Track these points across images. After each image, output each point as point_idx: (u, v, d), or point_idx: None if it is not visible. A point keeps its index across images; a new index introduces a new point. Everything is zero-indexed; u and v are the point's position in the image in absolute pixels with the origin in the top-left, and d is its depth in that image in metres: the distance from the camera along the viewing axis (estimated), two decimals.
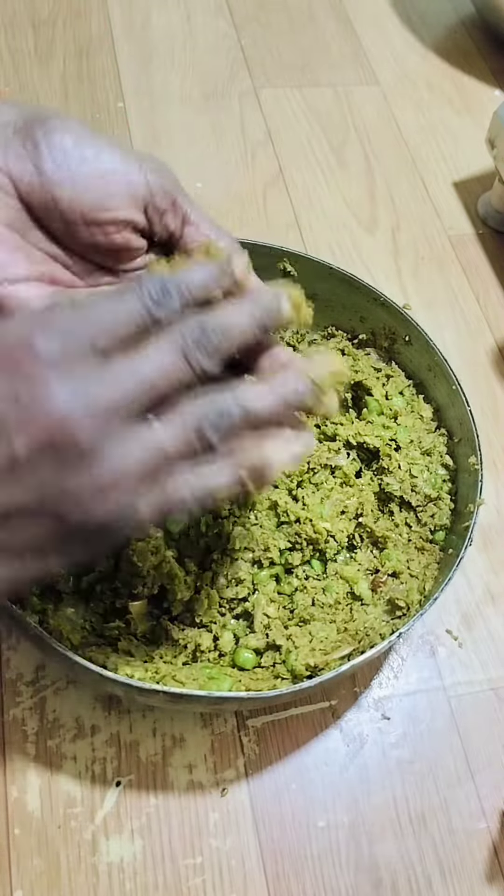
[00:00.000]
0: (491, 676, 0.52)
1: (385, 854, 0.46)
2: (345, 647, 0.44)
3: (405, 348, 0.56)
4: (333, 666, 0.43)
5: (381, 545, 0.50)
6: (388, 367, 0.57)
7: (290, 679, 0.44)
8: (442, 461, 0.52)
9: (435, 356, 0.53)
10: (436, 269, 0.72)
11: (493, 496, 0.60)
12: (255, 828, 0.46)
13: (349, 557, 0.50)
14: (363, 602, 0.48)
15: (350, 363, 0.56)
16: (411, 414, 0.54)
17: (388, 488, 0.51)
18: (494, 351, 0.68)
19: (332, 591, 0.48)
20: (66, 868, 0.44)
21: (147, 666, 0.43)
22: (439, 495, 0.51)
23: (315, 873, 0.45)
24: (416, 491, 0.51)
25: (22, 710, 0.48)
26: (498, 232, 0.75)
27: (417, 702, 0.51)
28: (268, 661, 0.45)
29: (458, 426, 0.52)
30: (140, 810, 0.46)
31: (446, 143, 0.82)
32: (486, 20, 0.92)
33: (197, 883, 0.44)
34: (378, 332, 0.57)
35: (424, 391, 0.55)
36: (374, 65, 0.88)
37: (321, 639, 0.45)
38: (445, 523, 0.51)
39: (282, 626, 0.46)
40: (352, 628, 0.46)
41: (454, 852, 0.46)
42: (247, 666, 0.45)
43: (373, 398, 0.54)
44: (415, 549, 0.50)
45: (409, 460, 0.52)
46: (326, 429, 0.53)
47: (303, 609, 0.47)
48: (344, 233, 0.73)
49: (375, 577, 0.48)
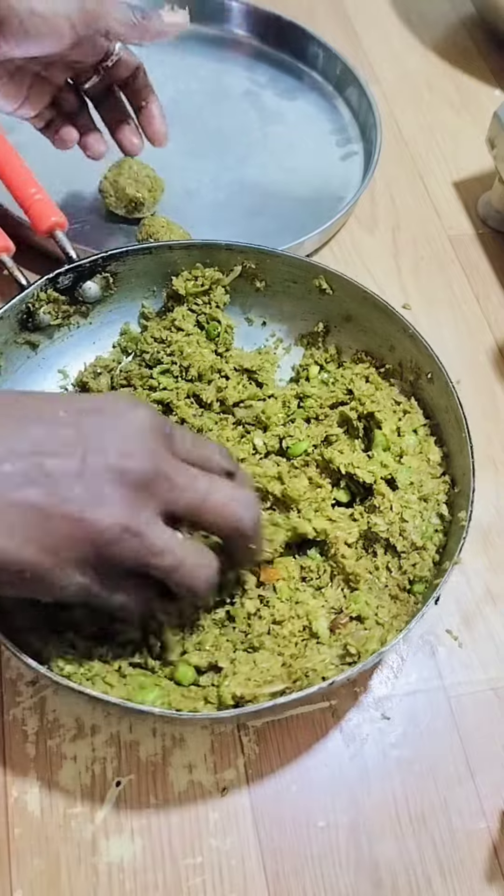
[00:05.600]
0: (491, 676, 0.52)
1: (385, 854, 0.46)
2: (277, 684, 0.43)
3: (427, 385, 0.54)
4: (261, 700, 0.42)
5: (353, 585, 0.48)
6: (408, 402, 0.55)
7: (215, 704, 0.43)
8: (438, 510, 0.50)
9: (451, 399, 0.51)
10: (436, 268, 0.72)
11: (493, 496, 0.60)
12: (255, 828, 0.46)
13: (318, 591, 0.49)
14: (319, 641, 0.46)
15: (370, 392, 0.54)
16: (418, 455, 0.52)
17: (375, 528, 0.49)
18: (494, 351, 0.68)
19: (288, 623, 0.46)
20: (66, 868, 0.44)
21: (82, 661, 0.43)
22: (426, 545, 0.48)
23: (315, 873, 0.45)
24: (404, 536, 0.48)
25: (22, 710, 0.48)
26: (498, 232, 0.75)
27: (417, 702, 0.51)
28: (206, 681, 0.44)
29: (461, 476, 0.50)
30: (140, 810, 0.46)
31: (446, 143, 0.82)
32: (486, 20, 0.92)
33: (197, 883, 0.44)
34: (405, 365, 0.56)
35: (439, 433, 0.54)
36: (374, 65, 0.88)
37: (261, 669, 0.44)
38: (426, 575, 0.48)
39: (231, 648, 0.46)
40: (296, 666, 0.44)
41: (454, 852, 0.46)
42: (183, 682, 0.44)
43: (381, 432, 0.53)
44: (388, 596, 0.48)
45: (402, 503, 0.49)
46: (325, 452, 0.52)
47: (256, 636, 0.46)
48: (344, 232, 0.73)
49: (336, 618, 0.47)
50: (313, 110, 0.82)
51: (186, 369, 0.56)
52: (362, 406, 0.54)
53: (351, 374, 0.56)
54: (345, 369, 0.58)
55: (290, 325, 0.61)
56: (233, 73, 0.84)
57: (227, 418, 0.55)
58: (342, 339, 0.59)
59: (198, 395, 0.55)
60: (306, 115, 0.81)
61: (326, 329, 0.59)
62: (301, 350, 0.60)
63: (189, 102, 0.80)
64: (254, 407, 0.56)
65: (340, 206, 0.71)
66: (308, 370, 0.59)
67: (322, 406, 0.56)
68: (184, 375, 0.56)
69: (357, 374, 0.56)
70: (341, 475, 0.52)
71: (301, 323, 0.60)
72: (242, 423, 0.56)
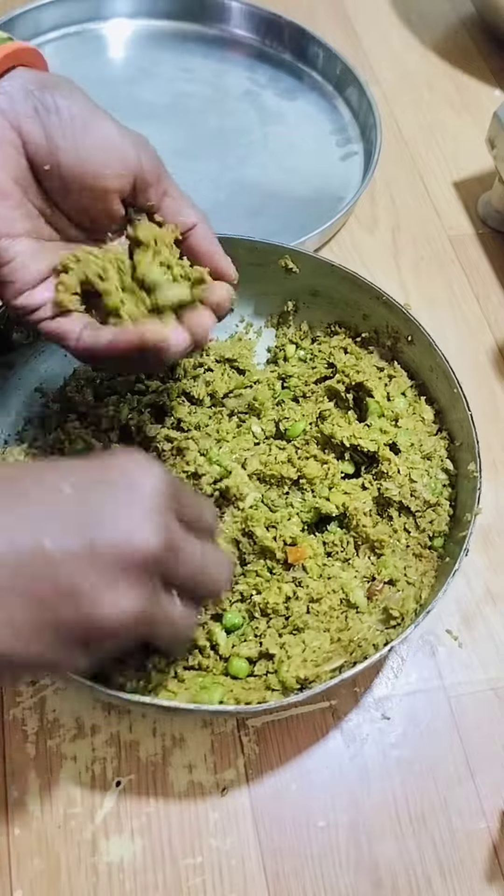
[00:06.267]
0: (491, 676, 0.52)
1: (385, 854, 0.46)
2: (336, 660, 0.44)
3: (408, 348, 0.55)
4: (324, 678, 0.43)
5: (378, 551, 0.49)
6: (391, 366, 0.56)
7: (280, 691, 0.43)
8: (442, 465, 0.51)
9: (437, 357, 0.52)
10: (436, 268, 0.72)
11: (493, 497, 0.60)
12: (255, 828, 0.46)
13: (346, 563, 0.50)
14: (358, 610, 0.47)
15: (352, 362, 0.55)
16: (413, 416, 0.54)
17: (387, 493, 0.50)
18: (494, 351, 0.68)
19: (326, 598, 0.47)
20: (65, 868, 0.44)
21: (139, 674, 0.43)
22: (438, 501, 0.50)
23: (315, 873, 0.45)
24: (416, 496, 0.50)
25: (22, 710, 0.48)
26: (498, 232, 0.75)
27: (417, 702, 0.51)
28: (261, 669, 0.45)
29: (459, 430, 0.52)
30: (140, 810, 0.46)
31: (446, 143, 0.82)
32: (486, 20, 0.92)
33: (197, 883, 0.44)
34: (381, 331, 0.57)
35: (426, 392, 0.55)
36: (374, 65, 0.88)
37: (314, 648, 0.45)
38: (444, 530, 0.50)
39: (276, 634, 0.46)
40: (345, 638, 0.45)
41: (454, 852, 0.46)
42: (240, 675, 0.45)
43: (374, 400, 0.54)
44: (412, 555, 0.49)
45: (408, 464, 0.51)
46: (324, 427, 0.53)
47: (297, 617, 0.46)
48: (344, 232, 0.73)
49: (371, 586, 0.48)
50: (313, 110, 0.82)
51: (172, 368, 0.55)
52: (348, 377, 0.55)
53: (329, 348, 0.57)
54: (321, 344, 0.58)
55: (259, 307, 0.61)
56: (233, 73, 0.84)
57: (222, 411, 0.55)
58: (313, 314, 0.60)
59: (188, 393, 0.55)
60: (306, 115, 0.81)
61: (295, 307, 0.60)
62: (272, 331, 0.61)
63: (189, 102, 0.80)
64: (244, 395, 0.56)
65: (340, 206, 0.71)
66: (284, 350, 0.59)
67: (307, 383, 0.57)
68: (170, 375, 0.56)
69: (335, 347, 0.57)
70: (345, 448, 0.52)
71: (269, 304, 0.60)
72: (235, 412, 0.56)
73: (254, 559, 0.48)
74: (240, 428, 0.55)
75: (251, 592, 0.47)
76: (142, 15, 0.86)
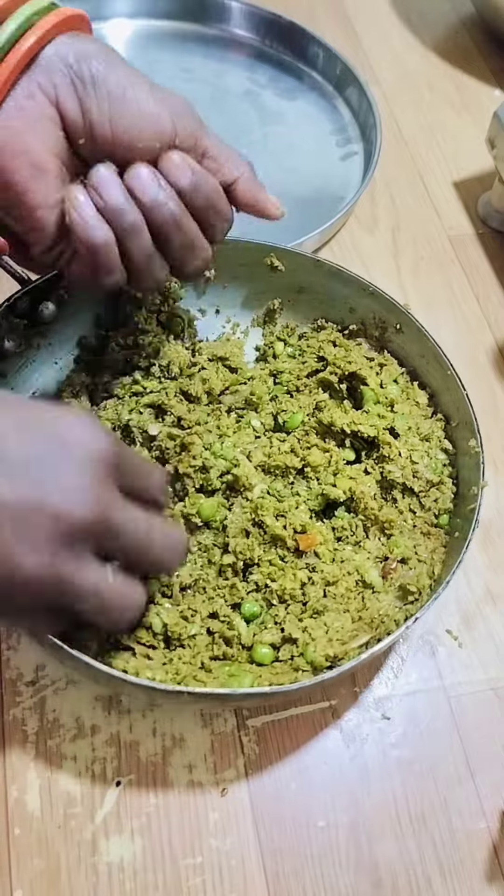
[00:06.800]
0: (491, 676, 0.52)
1: (385, 854, 0.46)
2: (362, 636, 0.45)
3: (396, 336, 0.56)
4: (353, 655, 0.43)
5: (387, 532, 0.51)
6: (381, 356, 0.57)
7: (310, 671, 0.44)
8: (441, 446, 0.53)
9: (427, 343, 0.54)
10: (436, 268, 0.72)
11: (493, 496, 0.60)
12: (255, 828, 0.46)
13: (357, 546, 0.51)
14: (374, 590, 0.48)
15: (342, 354, 0.56)
16: (407, 401, 0.55)
17: (390, 476, 0.51)
18: (494, 351, 0.68)
19: (342, 580, 0.48)
20: (65, 868, 0.44)
21: (167, 668, 0.43)
22: (441, 479, 0.51)
23: (315, 873, 0.45)
24: (418, 476, 0.51)
25: (22, 710, 0.48)
26: (498, 232, 0.75)
27: (417, 702, 0.51)
28: (285, 654, 0.45)
29: (454, 411, 0.53)
30: (140, 810, 0.46)
31: (446, 143, 0.82)
32: (486, 20, 0.92)
33: (197, 883, 0.44)
34: (368, 322, 0.57)
35: (418, 378, 0.56)
36: (374, 65, 0.88)
37: (337, 629, 0.45)
38: (449, 507, 0.51)
39: (296, 619, 0.47)
40: (366, 616, 0.46)
41: (454, 852, 0.46)
42: (265, 661, 0.45)
43: (368, 388, 0.55)
44: (420, 534, 0.50)
45: (408, 447, 0.52)
46: (322, 416, 0.54)
47: (315, 601, 0.47)
48: (344, 232, 0.73)
49: (385, 565, 0.49)
50: (313, 110, 0.82)
51: (167, 368, 0.55)
52: (340, 368, 0.55)
53: (317, 342, 0.58)
54: (308, 339, 0.59)
55: (245, 307, 0.61)
56: (233, 73, 0.84)
57: (220, 407, 0.55)
58: (298, 311, 0.60)
59: (185, 391, 0.55)
60: (306, 115, 0.81)
61: (281, 305, 0.60)
62: (259, 330, 0.61)
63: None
64: (240, 391, 0.56)
65: (340, 206, 0.71)
66: (273, 347, 0.60)
67: (299, 377, 0.57)
68: (166, 374, 0.56)
69: (323, 341, 0.58)
70: (345, 435, 0.53)
71: (255, 303, 0.61)
72: (233, 408, 0.56)
73: (266, 548, 0.49)
74: (239, 423, 0.55)
75: (266, 581, 0.48)
76: (142, 15, 0.86)
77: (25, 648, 0.50)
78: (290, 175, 0.76)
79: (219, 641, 0.46)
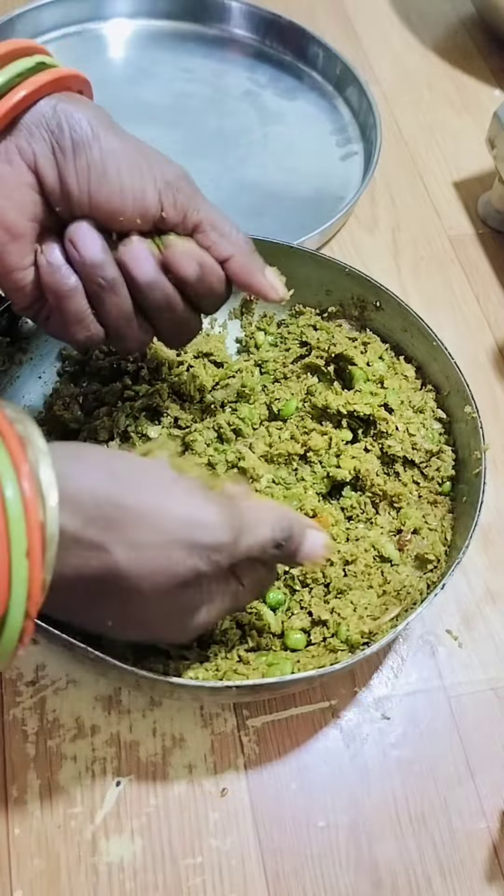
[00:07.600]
0: (491, 676, 0.52)
1: (385, 854, 0.46)
2: (392, 609, 0.45)
3: (376, 314, 0.57)
4: (386, 629, 0.44)
5: (396, 505, 0.51)
6: (363, 334, 0.57)
7: (347, 650, 0.44)
8: (435, 416, 0.54)
9: (409, 316, 0.54)
10: (436, 268, 0.72)
11: (493, 496, 0.60)
12: (255, 828, 0.46)
13: (369, 523, 0.51)
14: (392, 563, 0.49)
15: (325, 337, 0.56)
16: (396, 376, 0.55)
17: (390, 450, 0.52)
18: (494, 351, 0.68)
19: (360, 558, 0.48)
20: (65, 868, 0.44)
21: (207, 665, 0.44)
22: (440, 448, 0.52)
23: (315, 873, 0.45)
24: (417, 448, 0.52)
25: (22, 710, 0.48)
26: (498, 232, 0.75)
27: (417, 702, 0.51)
28: (317, 637, 0.46)
29: (444, 380, 0.54)
30: (140, 810, 0.46)
31: (446, 143, 0.82)
32: (486, 20, 0.92)
33: (197, 883, 0.44)
34: (346, 303, 0.58)
35: (403, 352, 0.57)
36: (374, 65, 0.88)
37: (364, 605, 0.46)
38: (451, 474, 0.52)
39: (322, 601, 0.47)
40: (390, 590, 0.47)
41: (454, 852, 0.46)
42: (299, 647, 0.46)
43: (356, 367, 0.55)
44: (427, 503, 0.51)
45: (404, 420, 0.53)
46: (316, 400, 0.54)
47: (337, 580, 0.48)
48: (344, 232, 0.73)
49: (400, 537, 0.50)
50: (313, 110, 0.82)
51: (157, 369, 0.55)
52: (325, 351, 0.56)
53: (298, 328, 0.58)
54: (288, 326, 0.59)
55: None
56: (233, 73, 0.84)
57: (213, 403, 0.55)
58: None
59: (177, 391, 0.55)
60: (306, 115, 0.81)
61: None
62: (237, 322, 0.61)
63: (189, 102, 0.80)
64: (230, 384, 0.56)
65: (340, 206, 0.71)
66: (254, 338, 0.60)
67: (285, 364, 0.57)
68: (155, 376, 0.55)
69: (303, 326, 0.58)
70: (341, 416, 0.54)
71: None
72: (226, 403, 0.56)
73: None
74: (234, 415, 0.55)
75: (285, 568, 0.48)
76: (142, 15, 0.86)
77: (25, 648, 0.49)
78: (290, 175, 0.76)
79: (251, 633, 0.46)
